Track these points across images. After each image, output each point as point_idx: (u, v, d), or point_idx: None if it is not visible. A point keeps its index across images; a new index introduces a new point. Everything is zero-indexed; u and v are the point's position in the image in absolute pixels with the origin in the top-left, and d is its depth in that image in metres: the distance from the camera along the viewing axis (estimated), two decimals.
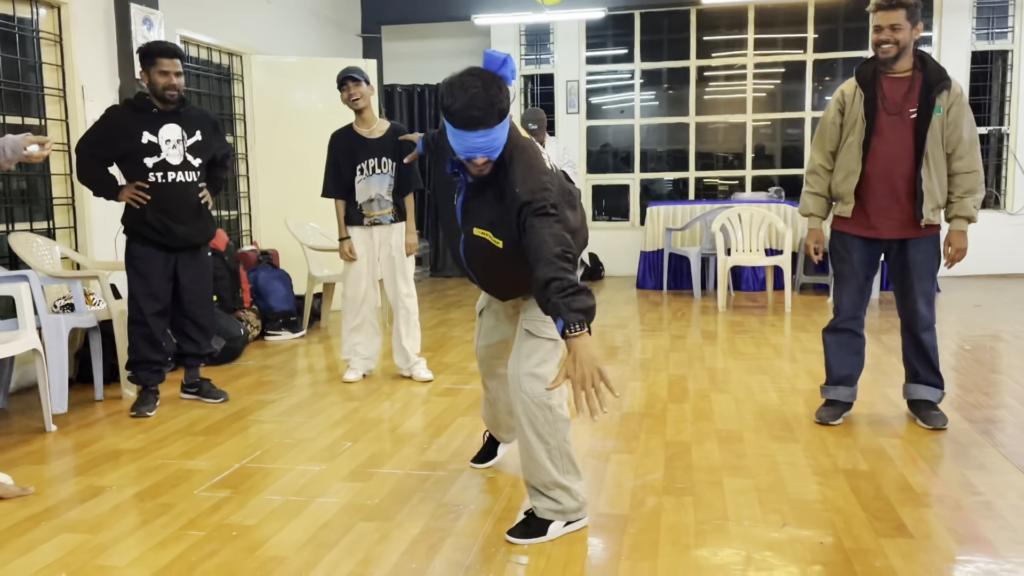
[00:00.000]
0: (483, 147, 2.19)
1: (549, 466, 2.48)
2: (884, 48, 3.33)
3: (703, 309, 6.91)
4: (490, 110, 2.15)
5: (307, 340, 5.91)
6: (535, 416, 2.46)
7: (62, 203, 4.94)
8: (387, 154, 4.44)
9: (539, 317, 2.49)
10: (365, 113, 4.45)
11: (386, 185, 4.46)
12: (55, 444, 3.54)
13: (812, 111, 8.88)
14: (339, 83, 4.40)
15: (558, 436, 2.49)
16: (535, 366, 2.47)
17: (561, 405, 2.50)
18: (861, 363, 3.65)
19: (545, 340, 2.49)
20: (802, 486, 2.90)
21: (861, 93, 3.43)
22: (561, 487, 2.50)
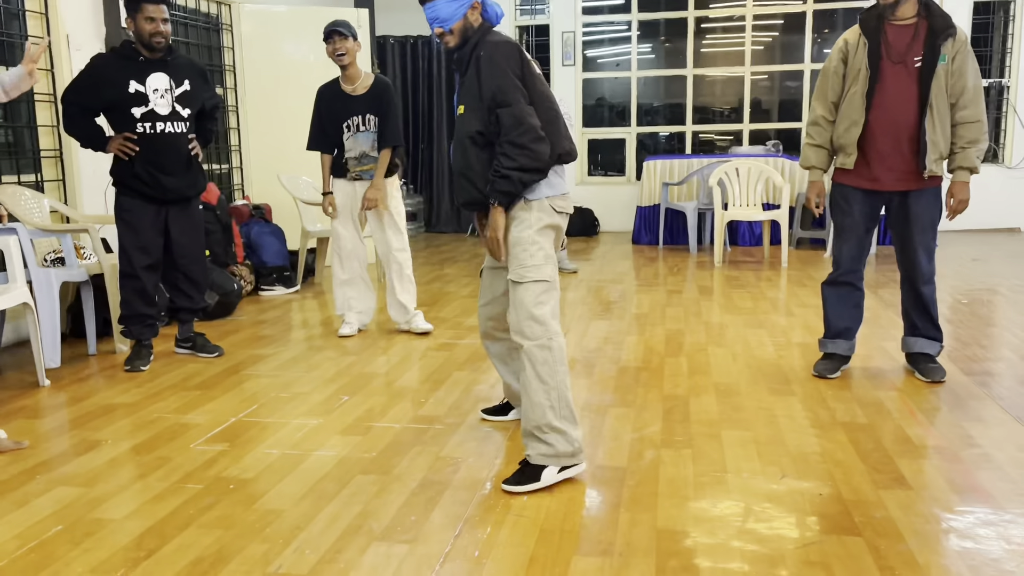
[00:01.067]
0: (433, 17, 2.59)
1: (547, 407, 2.51)
2: None
3: (699, 264, 6.88)
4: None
5: (301, 295, 5.87)
6: (535, 357, 2.51)
7: (50, 155, 4.85)
8: (370, 110, 4.38)
9: (522, 264, 2.53)
10: (350, 69, 4.37)
11: (371, 142, 4.41)
12: (49, 398, 3.52)
13: (811, 63, 8.76)
14: (325, 36, 4.31)
15: (557, 378, 2.52)
16: (532, 307, 2.51)
17: (562, 348, 2.54)
18: (860, 316, 3.63)
19: (533, 283, 2.52)
20: (801, 439, 2.90)
21: (865, 41, 3.36)
22: (557, 431, 2.51)
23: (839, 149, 3.49)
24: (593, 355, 4.06)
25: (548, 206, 2.57)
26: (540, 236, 2.56)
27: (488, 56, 2.51)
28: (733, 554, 2.09)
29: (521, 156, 2.46)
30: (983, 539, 2.15)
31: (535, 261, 2.54)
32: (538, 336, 2.50)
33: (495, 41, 2.56)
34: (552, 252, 2.60)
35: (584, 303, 5.33)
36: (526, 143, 2.46)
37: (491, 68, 2.50)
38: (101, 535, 2.26)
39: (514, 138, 2.46)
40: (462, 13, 2.58)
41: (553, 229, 2.61)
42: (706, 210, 7.71)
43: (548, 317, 2.53)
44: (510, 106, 2.47)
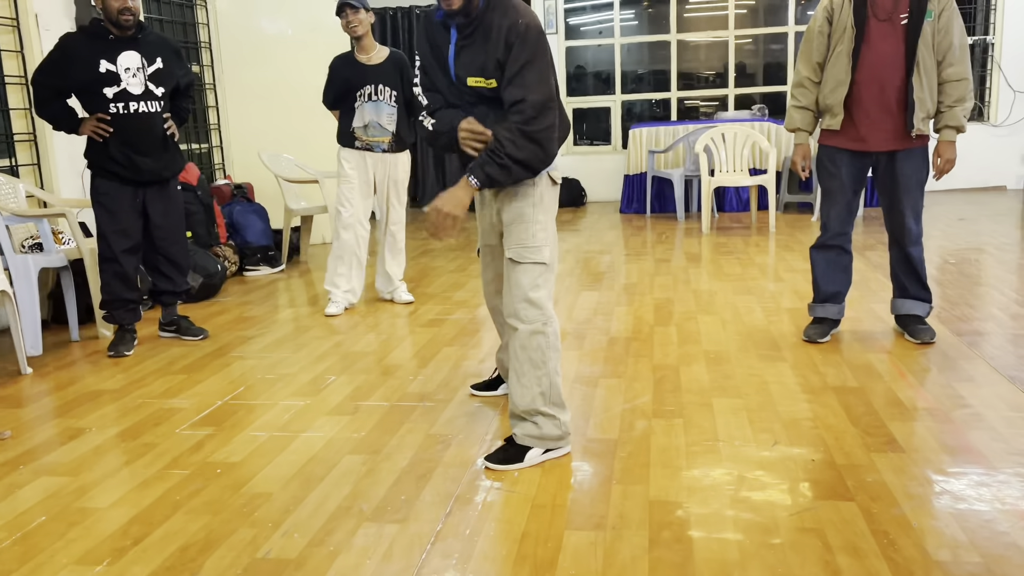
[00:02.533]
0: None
1: (537, 393, 2.46)
2: None
3: (687, 232, 6.85)
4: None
5: (287, 274, 5.81)
6: (528, 342, 2.44)
7: (24, 139, 4.75)
8: (385, 81, 4.40)
9: (521, 243, 2.43)
10: (364, 40, 4.37)
11: (383, 113, 4.41)
12: (31, 387, 3.47)
13: (796, 25, 8.68)
14: (337, 10, 4.29)
15: (549, 365, 2.46)
16: (528, 291, 2.43)
17: (556, 334, 2.47)
18: (849, 280, 3.61)
19: (531, 264, 2.43)
20: (792, 404, 2.88)
21: (850, 0, 3.30)
22: (545, 415, 2.48)
23: (825, 110, 3.44)
24: (583, 326, 4.03)
25: (548, 178, 2.48)
26: (543, 214, 2.45)
27: (528, 24, 2.29)
28: (727, 523, 2.08)
29: (529, 150, 2.30)
30: (977, 500, 2.14)
31: (536, 242, 2.43)
32: (533, 320, 2.43)
33: (522, 8, 2.34)
34: (553, 230, 2.50)
35: (572, 274, 5.29)
36: (542, 140, 2.30)
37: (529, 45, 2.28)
38: (87, 524, 2.22)
39: (531, 130, 2.28)
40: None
41: (552, 201, 2.51)
42: (693, 177, 7.66)
43: (544, 300, 2.44)
44: (539, 94, 2.28)
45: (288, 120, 6.40)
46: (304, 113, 4.80)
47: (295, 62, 4.35)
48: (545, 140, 2.31)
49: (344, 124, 4.47)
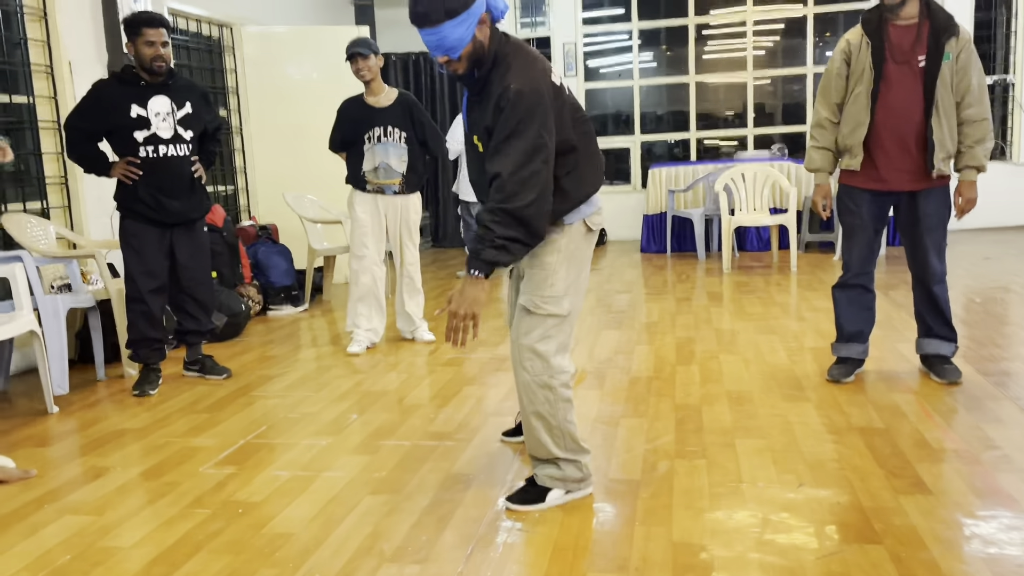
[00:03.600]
0: (435, 45, 2.16)
1: (550, 444, 2.43)
2: None
3: (708, 271, 6.84)
4: (433, 5, 2.11)
5: (310, 314, 5.85)
6: (535, 394, 2.38)
7: (55, 182, 4.86)
8: (394, 123, 4.48)
9: (538, 291, 2.35)
10: (373, 84, 4.48)
11: (392, 154, 4.46)
12: (57, 425, 3.50)
13: (814, 66, 8.73)
14: (347, 57, 4.41)
15: (559, 416, 2.40)
16: (536, 342, 2.35)
17: (565, 385, 2.40)
18: (872, 319, 3.59)
19: (544, 316, 2.35)
20: (817, 445, 2.85)
21: (868, 42, 3.33)
22: (565, 460, 2.45)
23: (844, 150, 3.45)
24: (604, 366, 4.02)
25: (584, 225, 2.37)
26: (567, 263, 2.35)
27: (518, 91, 2.14)
28: (752, 567, 2.05)
29: (516, 229, 2.16)
30: (1008, 544, 2.10)
31: (554, 292, 2.34)
32: (538, 372, 2.35)
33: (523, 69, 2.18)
34: (577, 280, 2.38)
35: (593, 313, 5.29)
36: (525, 217, 2.14)
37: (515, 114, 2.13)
38: (110, 564, 2.23)
39: (511, 208, 2.13)
40: (471, 35, 2.16)
41: (586, 248, 2.42)
42: (713, 216, 7.67)
43: (552, 353, 2.35)
44: (519, 168, 2.13)
45: (312, 162, 6.50)
46: (327, 155, 4.88)
47: (319, 106, 4.45)
48: (529, 217, 2.15)
49: (354, 167, 4.53)
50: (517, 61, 2.22)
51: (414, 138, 4.51)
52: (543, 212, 2.20)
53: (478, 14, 2.16)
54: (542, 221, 2.20)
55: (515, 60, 2.22)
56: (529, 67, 2.21)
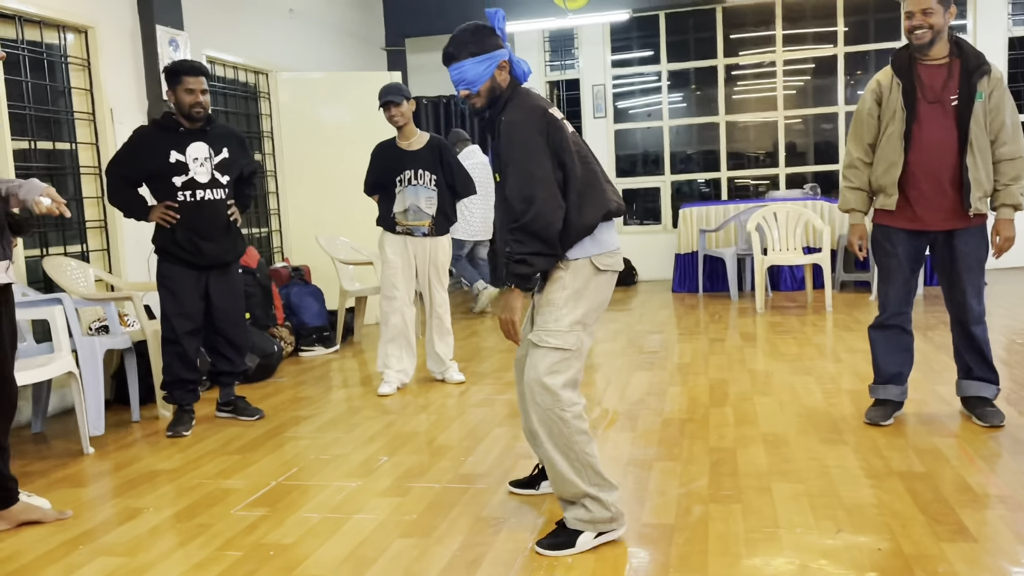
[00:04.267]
0: (458, 80, 2.48)
1: (574, 478, 2.41)
2: (918, 34, 3.22)
3: (741, 311, 6.78)
4: (460, 47, 2.46)
5: (341, 355, 5.88)
6: (550, 428, 2.41)
7: (95, 226, 4.97)
8: (424, 166, 4.54)
9: (545, 327, 2.43)
10: (405, 128, 4.57)
11: (422, 196, 4.50)
12: (93, 466, 3.54)
13: (845, 105, 8.71)
14: (380, 104, 4.50)
15: (576, 448, 2.41)
16: (543, 376, 2.40)
17: (578, 416, 2.42)
18: (910, 360, 3.52)
19: (552, 350, 2.40)
20: (855, 490, 2.78)
21: (898, 82, 3.32)
22: (591, 497, 2.42)
23: (879, 190, 3.43)
24: (636, 407, 3.98)
25: (590, 264, 2.43)
26: (573, 299, 2.42)
27: (508, 122, 2.41)
28: None
29: (532, 244, 2.34)
30: None
31: (559, 327, 2.41)
32: (548, 405, 2.39)
33: (517, 105, 2.45)
34: (586, 318, 2.45)
35: (625, 354, 5.26)
36: (537, 232, 2.33)
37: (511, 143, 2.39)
38: None
39: (521, 225, 2.34)
40: (489, 74, 2.46)
41: (596, 289, 2.46)
42: (745, 255, 7.62)
43: (560, 387, 2.39)
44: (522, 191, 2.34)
45: (344, 204, 6.59)
46: (359, 197, 4.95)
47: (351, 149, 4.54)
48: (539, 230, 2.32)
49: (385, 209, 4.60)
50: (514, 100, 2.49)
51: (443, 181, 4.57)
52: (551, 223, 2.34)
53: (498, 59, 2.48)
54: (553, 231, 2.35)
55: (513, 99, 2.49)
56: (522, 101, 2.47)
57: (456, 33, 2.49)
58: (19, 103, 4.48)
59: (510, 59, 2.51)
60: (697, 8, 8.81)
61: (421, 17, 8.85)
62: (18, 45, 4.48)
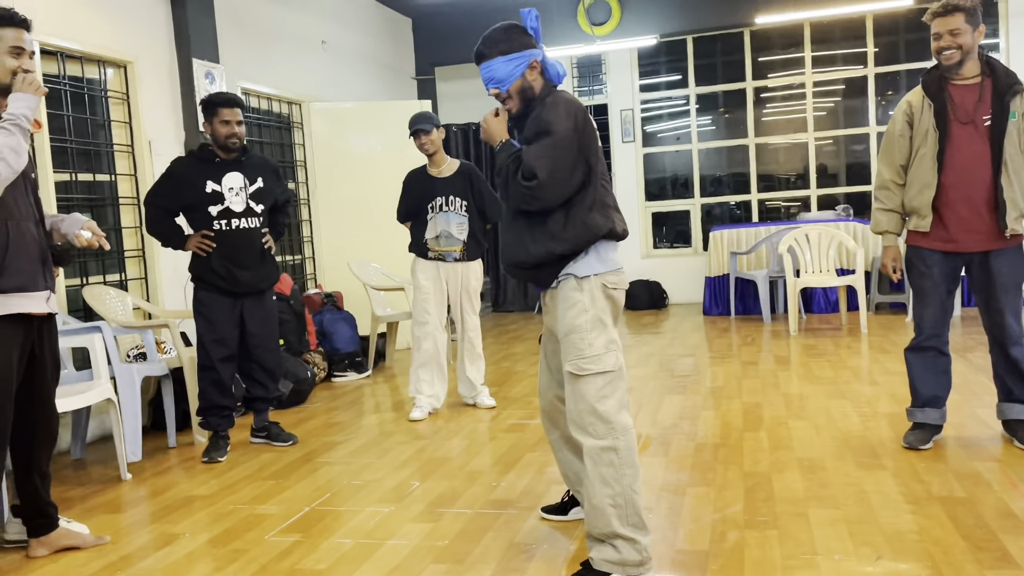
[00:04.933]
0: (488, 78, 2.47)
1: (611, 514, 2.32)
2: (947, 55, 3.21)
3: (774, 334, 6.71)
4: (491, 46, 2.46)
5: (373, 380, 5.92)
6: (600, 458, 2.33)
7: (133, 255, 5.08)
8: (455, 192, 4.60)
9: (580, 355, 2.36)
10: (436, 156, 4.63)
11: (453, 222, 4.55)
12: (130, 492, 3.59)
13: (877, 126, 8.64)
14: (411, 133, 4.56)
15: (624, 482, 2.33)
16: (595, 403, 2.34)
17: (631, 449, 2.35)
18: (948, 383, 3.46)
19: (594, 376, 2.35)
20: (895, 516, 2.73)
21: (929, 103, 3.30)
22: (624, 538, 2.32)
23: (912, 212, 3.39)
24: (668, 432, 3.95)
25: (600, 284, 2.40)
26: (598, 321, 2.38)
27: (552, 102, 2.41)
28: None
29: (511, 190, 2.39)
30: None
31: (594, 351, 2.36)
32: (602, 435, 2.32)
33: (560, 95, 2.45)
34: (615, 335, 2.42)
35: (656, 378, 5.22)
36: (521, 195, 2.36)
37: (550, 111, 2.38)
38: None
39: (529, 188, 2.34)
40: (520, 72, 2.44)
41: (612, 307, 2.44)
42: (777, 278, 7.56)
43: (613, 412, 2.33)
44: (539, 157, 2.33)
45: (375, 231, 6.66)
46: (391, 224, 5.01)
47: (383, 177, 4.61)
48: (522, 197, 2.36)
49: (417, 235, 4.66)
50: (552, 98, 2.46)
51: (474, 207, 4.61)
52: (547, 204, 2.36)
53: (529, 59, 2.46)
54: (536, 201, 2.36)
55: (550, 97, 2.46)
56: (564, 95, 2.46)
57: (488, 32, 2.49)
58: (61, 136, 4.61)
59: (543, 60, 2.49)
60: (724, 32, 8.83)
61: (450, 46, 8.97)
62: (60, 80, 4.62)
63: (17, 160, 2.53)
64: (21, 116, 2.56)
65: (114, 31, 4.93)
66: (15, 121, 2.55)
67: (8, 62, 2.61)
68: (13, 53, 2.62)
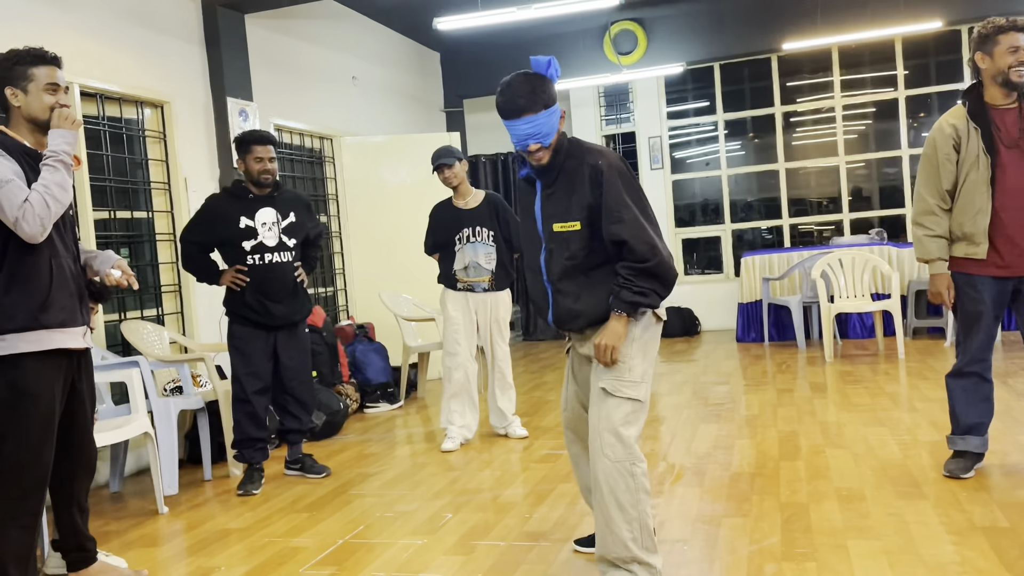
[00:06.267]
0: (531, 133, 2.38)
1: (627, 537, 2.35)
2: (1018, 71, 3.15)
3: (809, 360, 6.62)
4: (533, 98, 2.36)
5: (404, 411, 5.93)
6: (616, 482, 2.36)
7: (170, 290, 5.17)
8: (483, 223, 4.63)
9: (618, 376, 2.40)
10: (461, 188, 4.67)
11: (481, 253, 4.58)
12: (167, 526, 3.62)
13: (909, 148, 8.56)
14: (434, 168, 4.59)
15: (639, 507, 2.36)
16: (619, 426, 2.37)
17: (645, 475, 2.39)
18: (991, 409, 3.38)
19: (626, 400, 2.39)
20: (936, 547, 2.67)
21: (975, 127, 3.25)
22: (640, 562, 2.35)
23: (964, 238, 3.30)
24: (703, 461, 3.90)
25: (652, 315, 2.47)
26: (641, 351, 2.45)
27: (611, 166, 2.39)
28: None
29: (651, 283, 2.37)
30: None
31: (633, 377, 2.41)
32: (620, 458, 2.36)
33: (593, 150, 2.44)
34: (650, 368, 2.47)
35: (690, 406, 5.17)
36: (659, 274, 2.36)
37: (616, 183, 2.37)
38: None
39: (646, 267, 2.35)
40: (557, 125, 2.43)
41: (653, 338, 2.50)
42: (811, 303, 7.47)
43: (633, 440, 2.39)
44: (641, 232, 2.34)
45: (406, 262, 6.71)
46: (421, 255, 5.05)
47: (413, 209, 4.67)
48: (664, 274, 2.38)
49: (446, 267, 4.69)
50: (583, 146, 2.47)
51: (500, 236, 4.63)
52: (672, 268, 2.40)
53: (560, 110, 2.45)
54: (673, 276, 2.41)
55: (582, 146, 2.47)
56: (600, 149, 2.47)
57: (517, 84, 2.38)
58: (100, 175, 4.72)
59: None
60: (752, 58, 8.83)
61: (478, 78, 9.07)
62: (99, 121, 4.75)
63: (64, 195, 2.61)
64: (61, 152, 2.65)
65: (151, 72, 5.06)
66: (57, 157, 2.64)
67: (46, 99, 2.70)
68: (49, 90, 2.71)
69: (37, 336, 2.63)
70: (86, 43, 4.61)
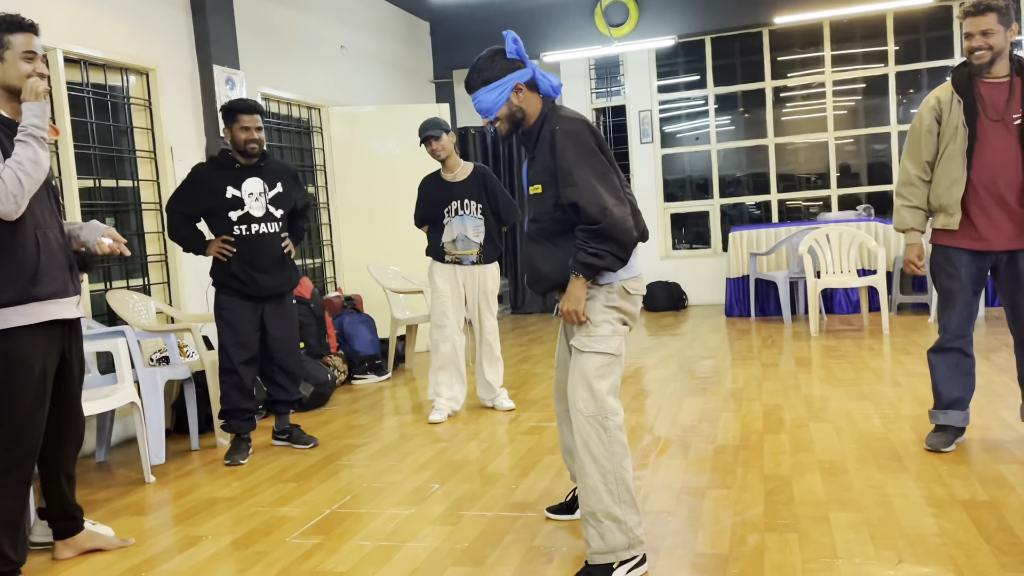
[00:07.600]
0: (479, 108, 2.56)
1: (603, 491, 2.40)
2: (978, 55, 3.17)
3: (795, 335, 6.67)
4: (475, 75, 2.54)
5: (392, 382, 5.94)
6: (590, 436, 2.42)
7: (156, 260, 5.13)
8: (470, 196, 4.61)
9: (588, 334, 2.46)
10: (448, 161, 4.63)
11: (470, 226, 4.57)
12: (154, 495, 3.63)
13: (898, 125, 8.57)
14: (421, 140, 4.56)
15: (614, 460, 2.41)
16: (591, 379, 2.43)
17: (619, 428, 2.43)
18: (972, 384, 3.42)
19: (594, 354, 2.44)
20: (917, 519, 2.71)
21: (959, 99, 3.26)
22: (612, 517, 2.39)
23: (939, 209, 3.35)
24: (688, 434, 3.94)
25: (621, 288, 2.48)
26: (608, 312, 2.48)
27: (566, 132, 2.44)
28: None
29: (607, 244, 2.38)
30: None
31: (601, 332, 2.46)
32: (592, 412, 2.42)
33: (566, 116, 2.50)
34: (622, 328, 2.51)
35: (676, 379, 5.21)
36: (614, 235, 2.37)
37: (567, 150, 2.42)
38: None
39: (598, 228, 2.36)
40: (504, 99, 2.51)
41: (623, 313, 2.50)
42: (798, 279, 7.51)
43: (605, 393, 2.43)
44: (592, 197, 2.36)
45: (394, 234, 6.70)
46: (409, 227, 5.04)
47: (402, 180, 4.64)
48: (618, 235, 2.38)
49: (434, 240, 4.68)
50: (558, 114, 2.53)
51: (489, 209, 4.62)
52: (627, 229, 2.39)
53: (511, 83, 2.51)
54: (629, 236, 2.40)
55: (557, 113, 2.53)
56: (569, 113, 2.53)
57: (474, 61, 2.55)
58: (84, 143, 4.67)
59: (534, 76, 2.54)
60: (743, 32, 8.79)
61: (468, 49, 8.98)
62: (83, 87, 4.68)
63: (37, 170, 2.57)
64: (31, 127, 2.60)
65: (136, 39, 4.99)
66: (27, 132, 2.59)
67: (23, 67, 2.65)
68: (26, 58, 2.66)
69: (30, 309, 2.62)
70: (69, 7, 4.53)
